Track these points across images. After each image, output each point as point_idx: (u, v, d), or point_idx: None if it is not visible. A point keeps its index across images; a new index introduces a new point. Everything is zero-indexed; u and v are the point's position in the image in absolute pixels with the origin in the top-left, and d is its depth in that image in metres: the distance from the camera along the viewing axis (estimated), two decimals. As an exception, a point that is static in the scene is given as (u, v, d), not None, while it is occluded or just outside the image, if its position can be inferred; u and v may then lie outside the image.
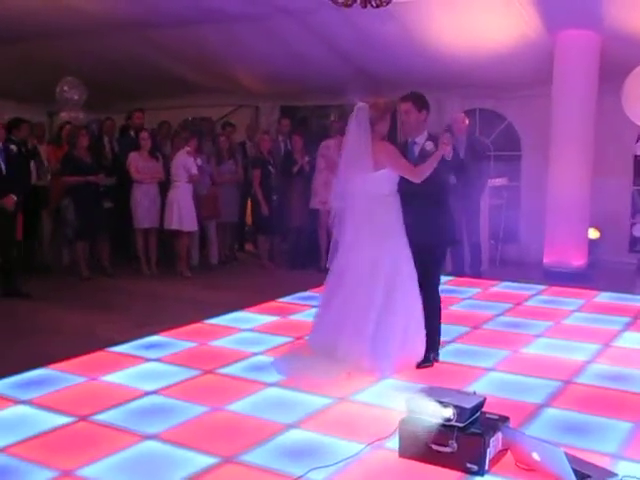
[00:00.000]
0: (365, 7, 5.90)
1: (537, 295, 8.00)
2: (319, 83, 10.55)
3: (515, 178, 10.47)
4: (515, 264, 9.68)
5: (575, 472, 3.50)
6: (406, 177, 5.19)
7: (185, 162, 9.07)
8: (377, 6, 5.90)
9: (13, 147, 8.01)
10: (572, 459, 3.59)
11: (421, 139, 5.45)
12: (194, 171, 9.07)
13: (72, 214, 9.06)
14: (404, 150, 5.42)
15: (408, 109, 5.42)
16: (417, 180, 5.16)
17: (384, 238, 5.23)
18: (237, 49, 10.26)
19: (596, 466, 3.71)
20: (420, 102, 5.49)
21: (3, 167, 7.69)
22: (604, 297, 7.86)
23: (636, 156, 9.34)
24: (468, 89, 9.95)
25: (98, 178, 8.87)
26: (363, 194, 5.23)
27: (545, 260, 9.16)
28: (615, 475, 3.65)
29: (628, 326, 6.62)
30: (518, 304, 7.56)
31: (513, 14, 8.41)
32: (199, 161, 9.23)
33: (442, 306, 7.39)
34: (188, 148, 9.10)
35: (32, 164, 8.94)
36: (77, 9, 9.28)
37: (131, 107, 10.59)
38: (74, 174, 8.77)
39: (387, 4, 5.95)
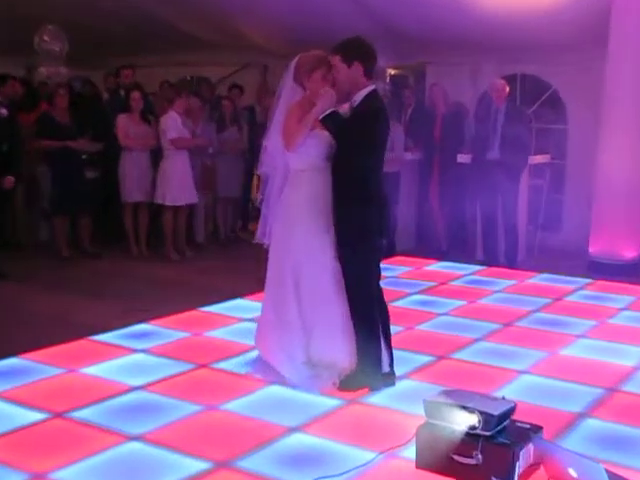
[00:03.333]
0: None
1: (580, 290, 7.99)
2: (338, 41, 10.50)
3: (559, 155, 10.44)
4: (556, 254, 9.65)
5: (617, 492, 3.54)
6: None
7: (164, 125, 9.06)
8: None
9: (4, 111, 7.97)
10: (614, 477, 3.62)
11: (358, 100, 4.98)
12: (170, 135, 8.99)
13: (49, 184, 9.08)
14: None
15: (336, 64, 4.95)
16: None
17: (293, 222, 5.05)
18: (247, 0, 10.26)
19: (640, 485, 3.75)
20: (350, 53, 4.92)
21: None
22: (658, 294, 7.86)
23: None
24: (508, 52, 9.88)
25: (79, 143, 8.86)
26: (282, 167, 5.12)
27: (591, 250, 9.13)
28: (661, 495, 3.68)
29: (684, 328, 6.63)
30: (558, 299, 7.56)
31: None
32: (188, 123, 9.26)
33: (469, 300, 7.45)
34: (171, 111, 9.12)
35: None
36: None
37: (120, 63, 10.57)
38: (51, 138, 8.78)
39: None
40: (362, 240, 4.90)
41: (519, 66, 10.46)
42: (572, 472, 3.67)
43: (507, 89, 9.14)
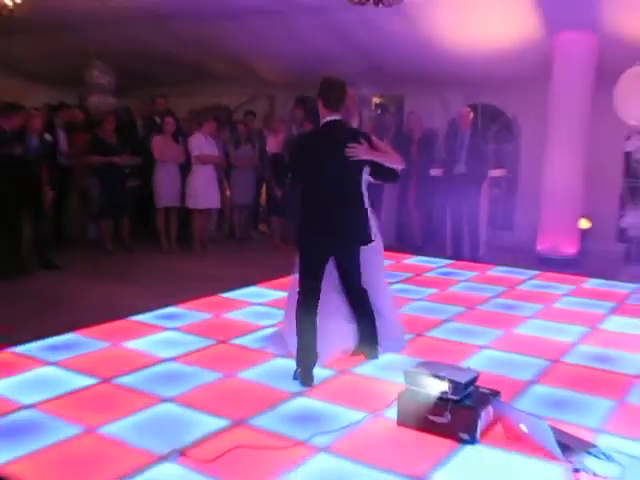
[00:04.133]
0: (377, 5, 5.85)
1: (530, 280, 8.00)
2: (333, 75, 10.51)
3: (513, 170, 10.43)
4: (510, 250, 9.63)
5: (558, 443, 3.54)
6: None
7: (191, 144, 9.08)
8: (389, 5, 5.85)
9: (48, 137, 8.06)
10: (556, 432, 3.63)
11: None
12: (195, 152, 9.02)
13: (97, 192, 9.08)
14: None
15: None
16: None
17: None
18: (255, 41, 10.23)
19: (578, 438, 3.76)
20: (318, 91, 4.78)
21: (31, 154, 7.64)
22: (592, 283, 7.86)
23: (626, 153, 9.28)
24: (472, 85, 9.89)
25: (121, 159, 8.88)
26: None
27: (538, 247, 9.16)
28: (594, 446, 3.68)
29: (613, 311, 6.63)
30: (512, 287, 7.57)
31: (515, 15, 8.38)
32: (211, 143, 9.23)
33: (440, 288, 7.42)
34: (197, 132, 9.13)
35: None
36: (107, 1, 9.33)
37: (155, 93, 10.56)
38: (99, 155, 8.80)
39: (399, 3, 5.89)
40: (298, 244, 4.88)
41: (480, 97, 10.44)
42: (523, 427, 3.69)
43: (471, 115, 9.16)
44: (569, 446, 3.61)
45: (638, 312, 6.56)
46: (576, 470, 3.46)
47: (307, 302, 4.70)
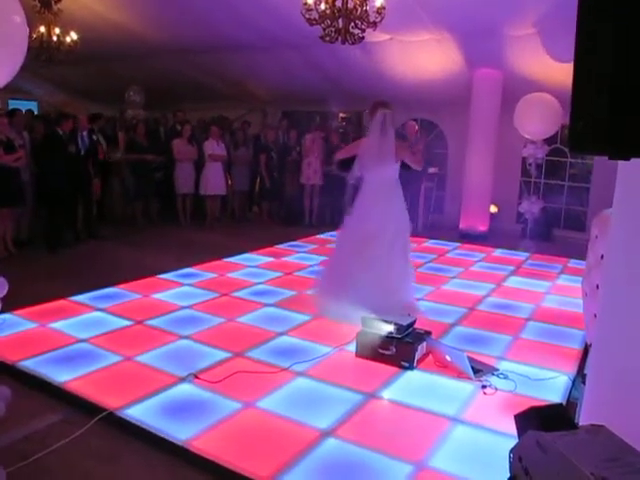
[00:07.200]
0: (344, 43, 5.80)
1: (454, 250, 8.05)
2: (310, 95, 10.43)
3: (443, 168, 10.47)
4: (440, 227, 9.70)
5: (472, 368, 3.62)
6: (414, 165, 4.82)
7: (205, 147, 9.01)
8: (352, 43, 5.80)
9: (94, 137, 7.94)
10: (470, 359, 3.70)
11: None
12: (209, 152, 8.98)
13: (131, 181, 8.94)
14: None
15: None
16: (420, 167, 5.00)
17: (400, 211, 4.79)
18: (251, 68, 10.08)
19: (486, 364, 3.84)
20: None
21: (82, 151, 7.51)
22: (498, 252, 7.93)
23: (523, 157, 9.37)
24: (414, 103, 9.86)
25: (149, 156, 8.72)
26: (384, 178, 4.65)
27: (461, 225, 9.22)
28: (497, 369, 3.78)
29: (512, 272, 6.72)
30: (441, 255, 7.62)
31: (445, 55, 8.39)
32: (221, 146, 9.14)
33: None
34: (210, 138, 9.03)
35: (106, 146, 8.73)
36: (141, 38, 9.16)
37: (176, 107, 10.40)
38: (134, 153, 8.64)
39: (360, 41, 5.84)
40: None
41: (420, 113, 10.43)
42: (448, 357, 3.75)
43: (416, 127, 9.15)
44: (479, 369, 3.70)
45: (530, 274, 6.66)
46: (483, 386, 3.54)
47: None
